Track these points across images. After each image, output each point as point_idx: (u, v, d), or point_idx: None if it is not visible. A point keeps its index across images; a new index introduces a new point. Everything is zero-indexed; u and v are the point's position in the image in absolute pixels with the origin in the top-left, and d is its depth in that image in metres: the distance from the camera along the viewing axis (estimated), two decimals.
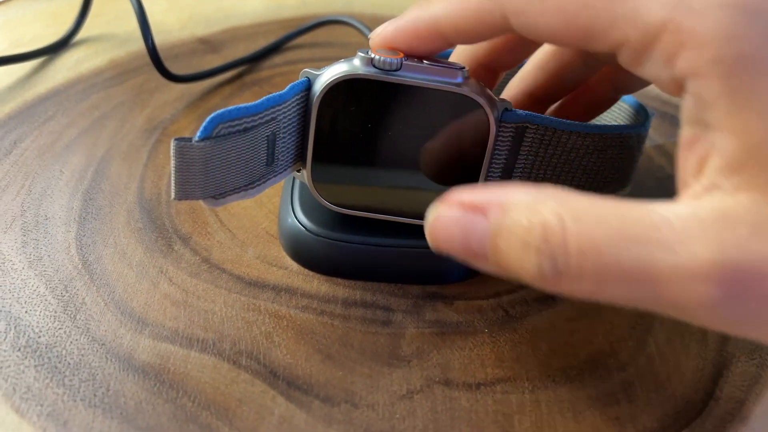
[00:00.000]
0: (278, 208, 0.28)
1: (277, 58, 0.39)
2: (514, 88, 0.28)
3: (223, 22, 0.42)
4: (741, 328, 0.16)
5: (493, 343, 0.24)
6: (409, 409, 0.22)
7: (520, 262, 0.18)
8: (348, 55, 0.23)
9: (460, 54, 0.26)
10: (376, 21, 0.43)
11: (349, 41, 0.40)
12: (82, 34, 0.39)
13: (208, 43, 0.40)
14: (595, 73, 0.27)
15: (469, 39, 0.22)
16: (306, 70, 0.23)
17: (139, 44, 0.39)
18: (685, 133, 0.18)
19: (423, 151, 0.24)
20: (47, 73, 0.36)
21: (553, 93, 0.28)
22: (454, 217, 0.19)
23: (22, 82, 0.35)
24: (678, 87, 0.17)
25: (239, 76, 0.37)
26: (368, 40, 0.24)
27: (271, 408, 0.21)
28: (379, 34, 0.23)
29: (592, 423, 0.22)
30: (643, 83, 0.27)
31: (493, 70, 0.26)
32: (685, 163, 0.18)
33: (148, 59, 0.36)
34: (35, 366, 0.22)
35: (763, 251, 0.15)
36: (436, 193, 0.24)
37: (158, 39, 0.33)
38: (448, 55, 0.28)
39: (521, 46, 0.25)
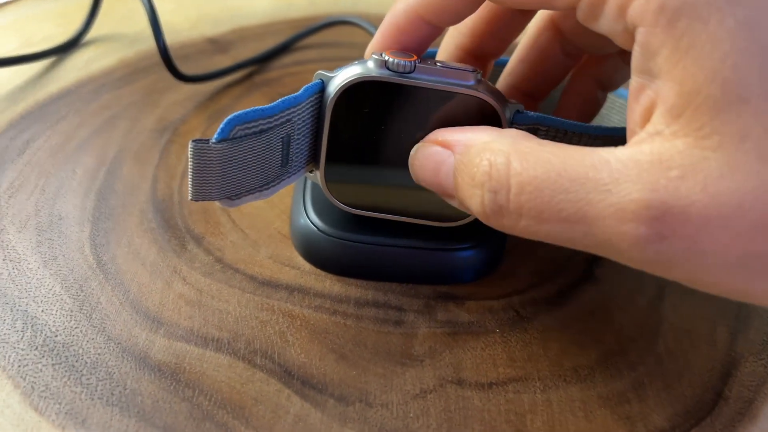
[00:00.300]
0: (290, 208, 0.29)
1: (286, 59, 0.39)
2: (501, 84, 0.28)
3: (232, 22, 0.42)
4: (664, 268, 0.17)
5: (505, 343, 0.24)
6: (422, 408, 0.22)
7: (470, 196, 0.19)
8: (355, 55, 0.23)
9: (446, 47, 0.27)
10: (382, 20, 0.43)
11: (357, 41, 0.40)
12: (91, 34, 0.39)
13: (216, 43, 0.40)
14: (575, 63, 0.27)
15: (447, 16, 0.23)
16: (320, 72, 0.24)
17: (149, 44, 0.39)
18: (633, 82, 0.18)
19: None
20: (58, 73, 0.36)
21: (540, 86, 0.28)
22: (430, 151, 0.22)
23: (34, 82, 0.35)
24: (631, 39, 0.18)
25: (249, 76, 0.38)
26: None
27: (287, 407, 0.22)
28: (370, 44, 0.24)
29: (603, 422, 0.22)
30: (626, 76, 0.27)
31: (482, 58, 0.27)
32: (633, 113, 0.18)
33: (157, 59, 0.36)
34: (53, 365, 0.22)
35: (690, 193, 0.16)
36: None
37: (167, 39, 0.33)
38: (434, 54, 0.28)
39: (502, 29, 0.26)
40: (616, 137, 0.25)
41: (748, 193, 0.15)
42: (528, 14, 0.26)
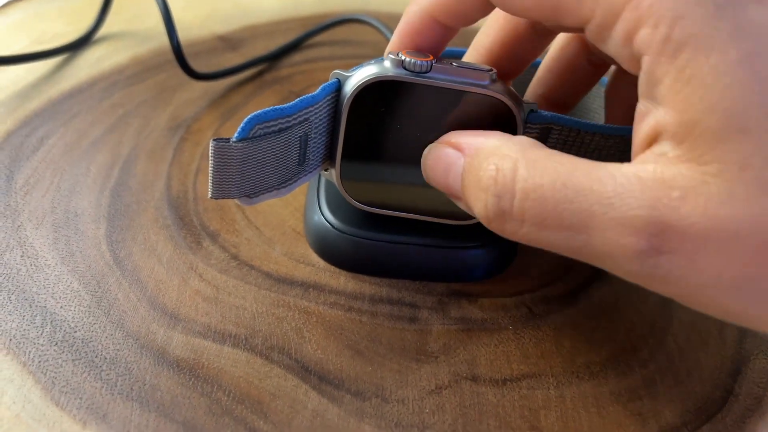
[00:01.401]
0: (303, 205, 0.29)
1: (297, 56, 0.40)
2: (530, 93, 0.29)
3: (242, 20, 0.42)
4: (660, 284, 0.17)
5: (518, 339, 0.25)
6: (438, 403, 0.22)
7: (476, 199, 0.20)
8: (366, 53, 0.24)
9: (474, 54, 0.27)
10: (393, 18, 0.43)
11: (367, 39, 0.40)
12: (102, 32, 0.39)
13: (227, 41, 0.40)
14: (603, 72, 0.28)
15: (459, 18, 0.23)
16: (336, 71, 0.24)
17: (160, 41, 0.39)
18: (640, 105, 0.19)
19: None
20: (70, 71, 0.36)
21: (568, 95, 0.28)
22: (441, 153, 0.22)
23: (46, 80, 0.35)
24: (637, 64, 0.18)
25: (259, 74, 0.38)
26: (387, 40, 0.25)
27: (304, 402, 0.22)
28: (389, 45, 0.25)
29: (616, 418, 0.23)
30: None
31: (501, 77, 0.27)
32: (638, 134, 0.19)
33: (169, 56, 0.37)
34: (73, 360, 0.22)
35: (691, 215, 0.16)
36: None
37: (181, 42, 0.34)
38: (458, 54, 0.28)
39: (520, 51, 0.26)
40: (628, 137, 0.25)
41: (747, 219, 0.16)
42: (547, 37, 0.26)
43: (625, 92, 0.27)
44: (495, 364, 0.24)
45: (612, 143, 0.25)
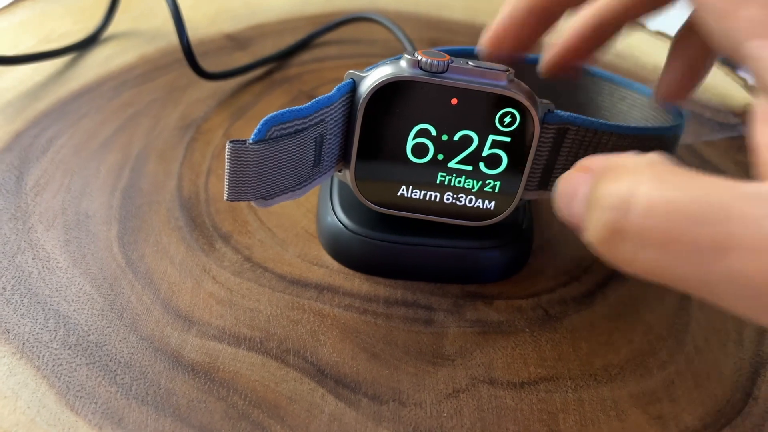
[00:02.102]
0: (316, 207, 0.29)
1: (306, 55, 0.39)
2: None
3: (250, 19, 0.42)
4: None
5: (535, 342, 0.25)
6: (456, 407, 0.22)
7: (589, 218, 0.17)
8: (375, 51, 0.23)
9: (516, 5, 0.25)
10: (401, 17, 0.43)
11: (376, 38, 0.40)
12: (110, 30, 0.39)
13: (235, 40, 0.40)
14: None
15: None
16: (351, 71, 0.24)
17: (168, 40, 0.39)
18: (761, 103, 0.16)
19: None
20: (78, 70, 0.36)
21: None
22: (569, 176, 0.19)
23: (54, 79, 0.35)
24: (742, 56, 0.16)
25: (268, 73, 0.37)
26: (396, 38, 0.24)
27: (321, 406, 0.22)
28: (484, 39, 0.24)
29: (636, 421, 0.22)
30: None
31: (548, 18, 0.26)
32: (765, 137, 0.16)
33: (177, 55, 0.36)
34: (87, 364, 0.22)
35: None
36: (477, 193, 0.25)
37: (190, 41, 0.33)
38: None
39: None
40: (643, 136, 0.25)
41: None
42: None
43: (691, 51, 0.25)
44: (512, 367, 0.24)
45: (628, 143, 0.25)
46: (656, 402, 0.23)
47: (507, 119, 0.23)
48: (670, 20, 0.45)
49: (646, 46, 0.44)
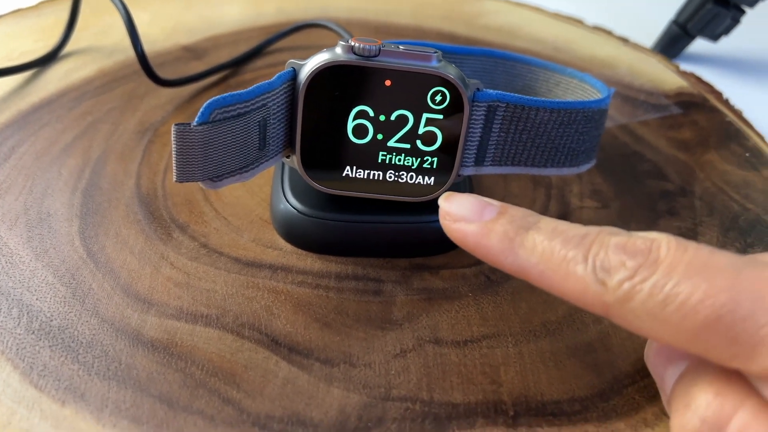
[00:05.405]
0: (269, 196, 0.30)
1: (259, 62, 0.41)
2: None
3: (205, 31, 0.44)
4: None
5: (477, 305, 0.26)
6: (403, 366, 0.24)
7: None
8: None
9: None
10: (350, 23, 0.45)
11: (327, 43, 0.42)
12: (70, 47, 0.40)
13: (192, 51, 0.42)
14: None
15: None
16: (291, 60, 0.25)
17: (126, 54, 0.40)
18: None
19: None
20: (39, 84, 0.37)
21: None
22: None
23: (15, 93, 0.36)
24: None
25: (224, 79, 0.39)
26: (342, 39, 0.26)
27: (275, 371, 0.23)
28: None
29: (573, 370, 0.24)
30: None
31: None
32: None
33: (136, 67, 0.38)
34: (50, 346, 0.23)
35: None
36: (417, 170, 0.26)
37: (145, 50, 0.35)
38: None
39: None
40: (571, 110, 0.27)
41: None
42: None
43: None
44: (456, 327, 0.25)
45: (556, 117, 0.27)
46: (592, 352, 0.25)
47: (438, 98, 0.25)
48: (609, 16, 0.48)
49: (583, 40, 0.46)
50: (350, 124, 0.25)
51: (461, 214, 0.22)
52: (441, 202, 0.23)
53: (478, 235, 0.21)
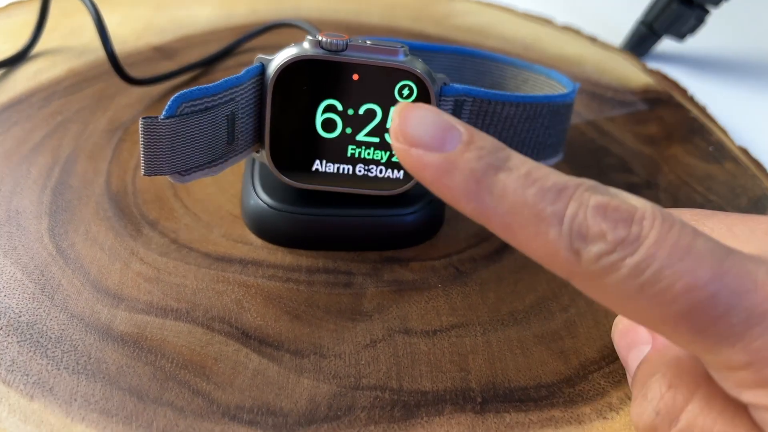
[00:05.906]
0: (240, 192, 0.30)
1: (231, 61, 0.41)
2: None
3: (176, 32, 0.44)
4: None
5: (446, 296, 0.26)
6: (373, 355, 0.24)
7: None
8: None
9: None
10: (323, 24, 0.45)
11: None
12: (39, 48, 0.40)
13: (162, 51, 0.42)
14: None
15: None
16: (260, 56, 0.26)
17: (96, 55, 0.40)
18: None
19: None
20: (7, 85, 0.37)
21: None
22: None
23: None
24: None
25: (195, 78, 0.39)
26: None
27: (246, 363, 0.23)
28: None
29: (540, 357, 0.24)
30: None
31: None
32: None
33: (106, 67, 0.38)
34: (18, 342, 0.23)
35: None
36: (387, 164, 0.27)
37: (114, 50, 0.35)
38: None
39: None
40: (537, 104, 0.28)
41: None
42: None
43: None
44: (425, 318, 0.25)
45: (522, 110, 0.28)
46: (558, 339, 0.25)
47: (405, 91, 0.26)
48: (578, 16, 0.49)
49: (552, 39, 0.47)
50: (319, 119, 0.26)
51: (419, 137, 0.18)
52: (395, 115, 0.19)
53: (439, 170, 0.18)
